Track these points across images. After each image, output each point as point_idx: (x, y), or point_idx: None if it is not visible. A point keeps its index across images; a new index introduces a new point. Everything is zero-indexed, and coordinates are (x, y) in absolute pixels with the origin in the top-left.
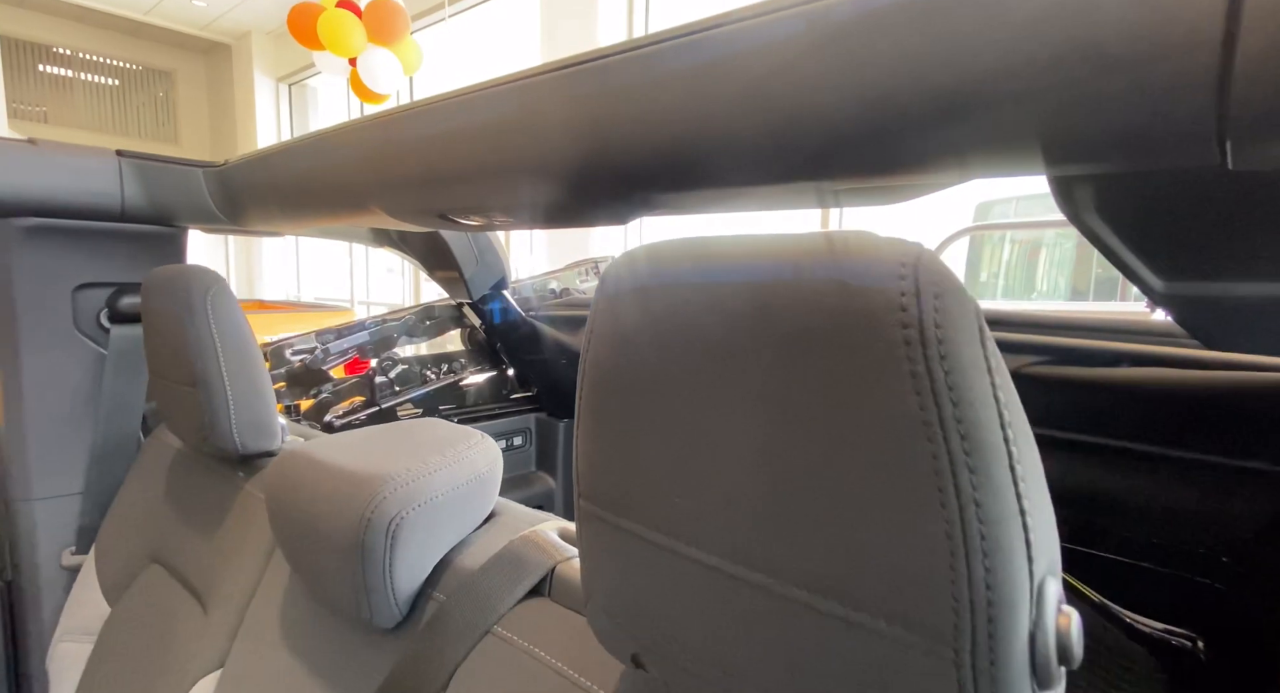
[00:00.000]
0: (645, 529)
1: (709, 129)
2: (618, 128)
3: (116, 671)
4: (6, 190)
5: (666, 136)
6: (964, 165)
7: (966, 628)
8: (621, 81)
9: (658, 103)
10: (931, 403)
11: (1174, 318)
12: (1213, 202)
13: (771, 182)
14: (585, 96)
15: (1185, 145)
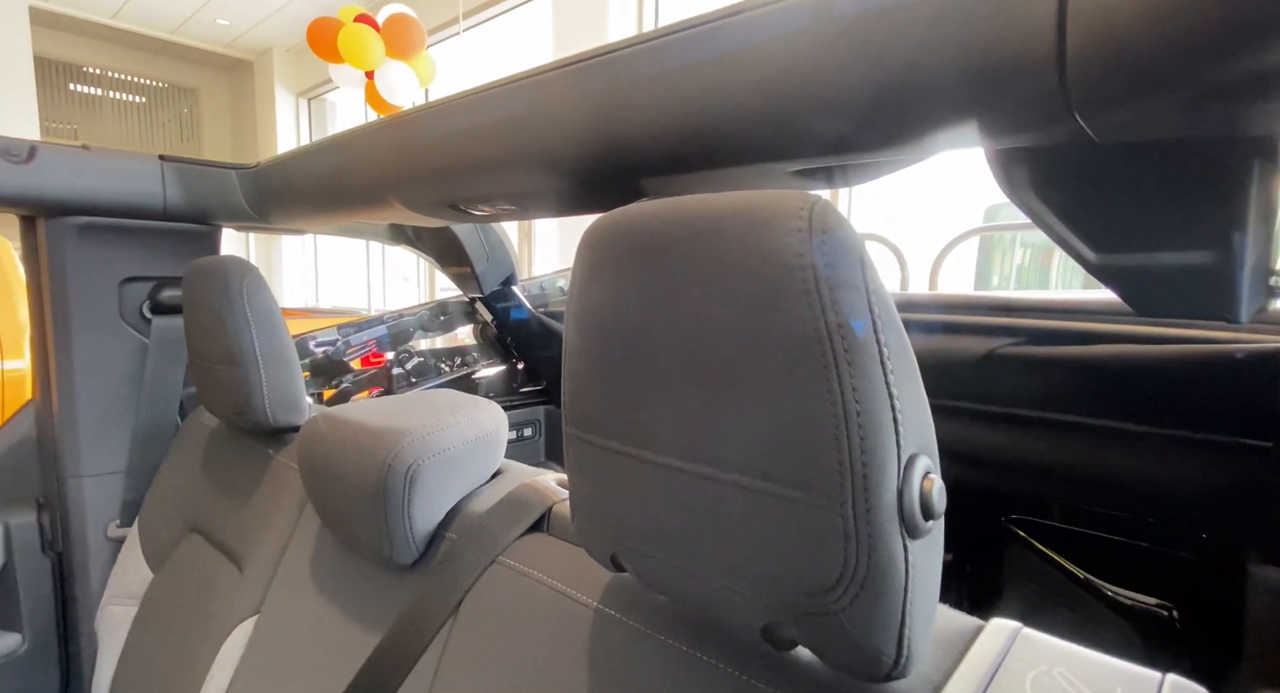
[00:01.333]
0: (615, 443)
1: (694, 117)
2: (613, 119)
3: (160, 627)
4: (64, 191)
5: (656, 128)
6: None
7: (848, 487)
8: (616, 77)
9: (649, 96)
10: (819, 313)
11: (1108, 287)
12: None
13: (753, 161)
14: (582, 91)
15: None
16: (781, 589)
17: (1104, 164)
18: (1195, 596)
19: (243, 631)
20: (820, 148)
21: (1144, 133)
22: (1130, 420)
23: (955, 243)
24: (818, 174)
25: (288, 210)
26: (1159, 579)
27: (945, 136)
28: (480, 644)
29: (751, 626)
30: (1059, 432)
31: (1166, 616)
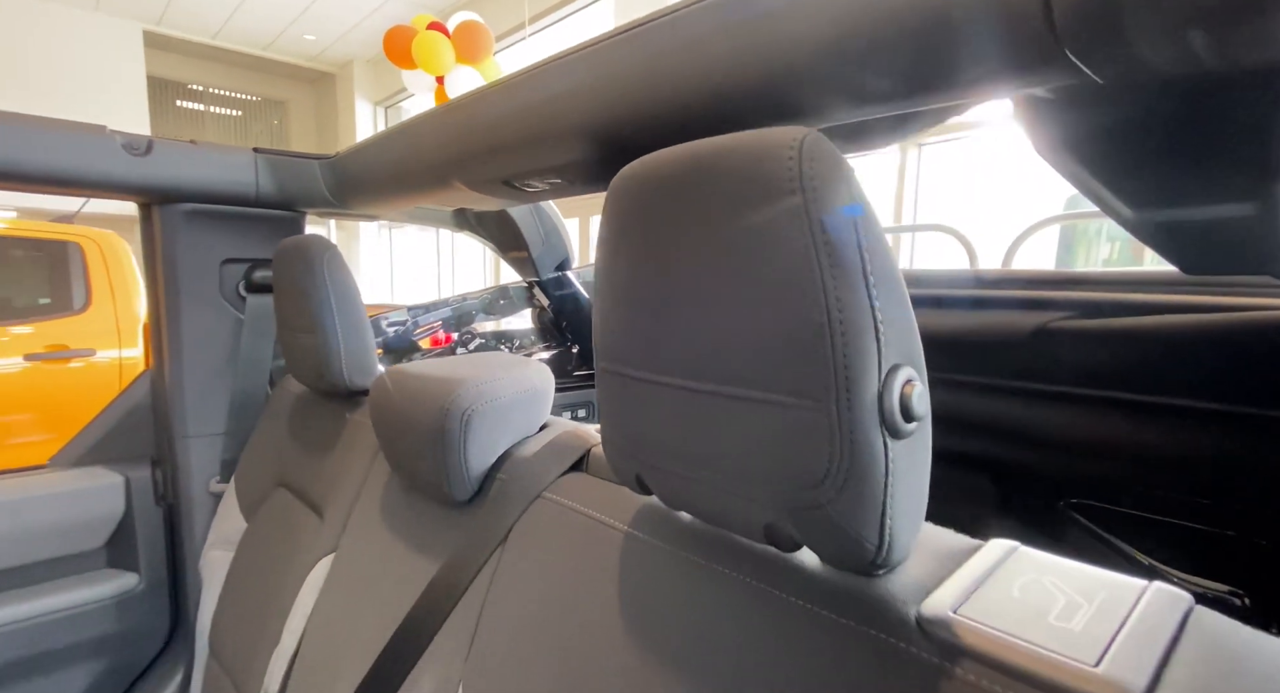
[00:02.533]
0: (636, 371)
1: (716, 82)
2: (638, 90)
3: (252, 569)
4: (174, 180)
5: (678, 98)
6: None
7: (833, 389)
8: (646, 49)
9: (676, 68)
10: (808, 234)
11: (1149, 245)
12: (1164, 130)
13: (779, 120)
14: (614, 65)
15: (1044, 62)
16: (778, 488)
17: (1133, 116)
18: (1271, 582)
19: (322, 567)
20: (829, 105)
21: (1141, 70)
22: (1198, 397)
23: (1030, 232)
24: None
25: (362, 196)
26: (1229, 565)
27: (947, 87)
28: (525, 569)
29: (755, 526)
30: (1121, 410)
31: (1239, 604)
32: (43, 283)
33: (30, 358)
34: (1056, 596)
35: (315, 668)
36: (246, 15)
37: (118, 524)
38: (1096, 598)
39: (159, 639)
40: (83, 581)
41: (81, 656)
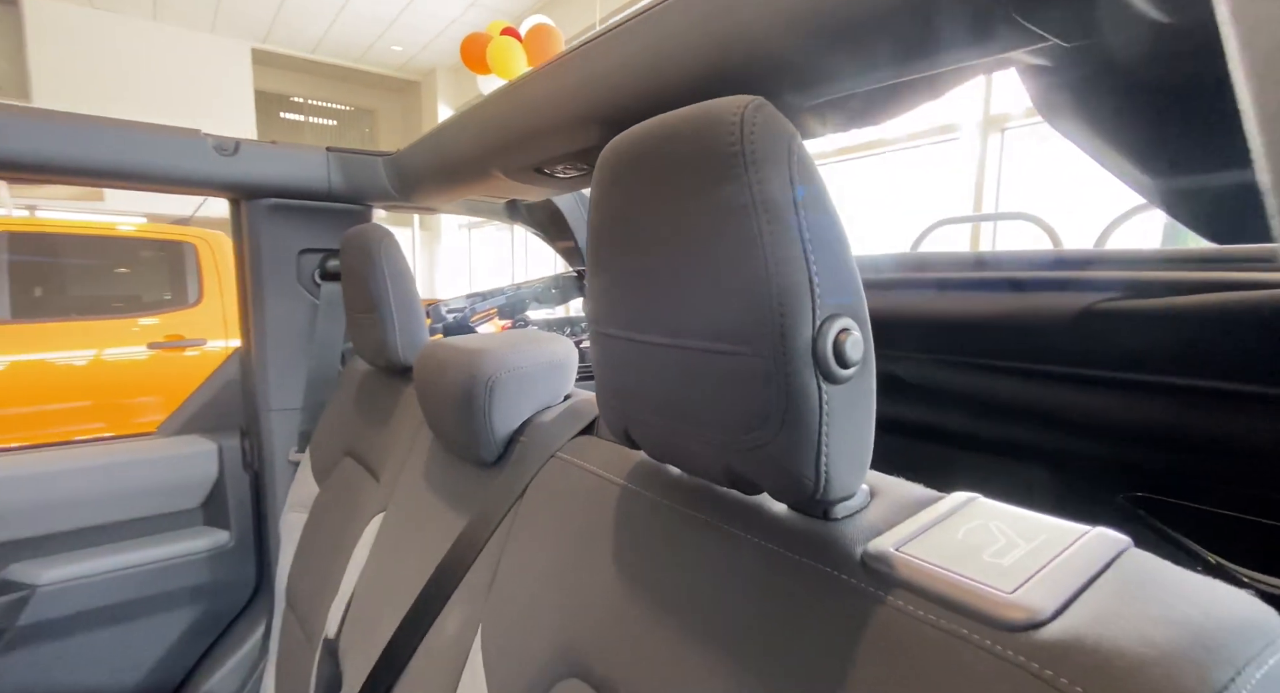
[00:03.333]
0: (619, 331)
1: (724, 58)
2: (639, 78)
3: (322, 528)
4: (258, 177)
5: (686, 78)
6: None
7: (770, 339)
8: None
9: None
10: (749, 194)
11: (1170, 214)
12: (1170, 91)
13: (778, 95)
14: (618, 57)
15: (1003, 25)
16: (730, 431)
17: (1135, 79)
18: None
19: (374, 524)
20: (818, 79)
21: (1094, 28)
22: (1251, 381)
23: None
24: (830, 109)
25: (419, 188)
26: None
27: (916, 59)
28: (538, 522)
29: (717, 469)
30: (1174, 395)
31: None
32: (165, 279)
33: (153, 346)
34: (998, 537)
35: (364, 613)
36: (341, 29)
37: (212, 487)
38: (1036, 540)
39: (247, 591)
40: (183, 535)
41: (183, 601)
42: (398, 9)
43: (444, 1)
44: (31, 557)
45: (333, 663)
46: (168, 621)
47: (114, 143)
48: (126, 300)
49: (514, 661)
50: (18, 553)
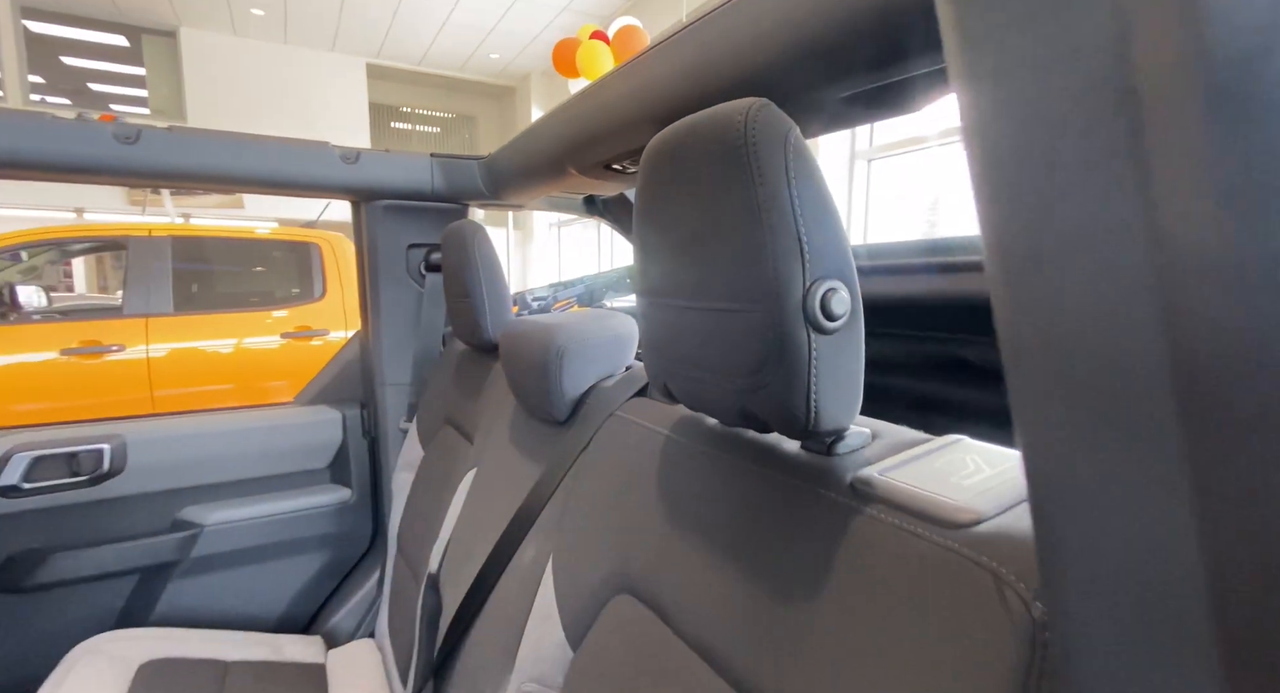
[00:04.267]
0: (656, 298)
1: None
2: (687, 82)
3: (425, 485)
4: (375, 182)
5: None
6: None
7: (769, 297)
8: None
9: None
10: (753, 179)
11: None
12: None
13: (809, 90)
14: (662, 66)
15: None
16: (740, 375)
17: None
18: None
19: (468, 479)
20: (818, 84)
21: None
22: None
23: None
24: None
25: (507, 187)
26: None
27: (907, 61)
28: (598, 468)
29: (734, 410)
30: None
31: None
32: (294, 277)
33: (285, 336)
34: (969, 466)
35: (459, 551)
36: (444, 40)
37: (337, 450)
38: (1000, 467)
39: (365, 541)
40: (314, 491)
41: (314, 547)
42: (496, 18)
43: (538, 7)
44: (200, 502)
45: (434, 595)
46: (302, 563)
47: (263, 156)
48: (263, 295)
49: (577, 582)
50: (192, 498)
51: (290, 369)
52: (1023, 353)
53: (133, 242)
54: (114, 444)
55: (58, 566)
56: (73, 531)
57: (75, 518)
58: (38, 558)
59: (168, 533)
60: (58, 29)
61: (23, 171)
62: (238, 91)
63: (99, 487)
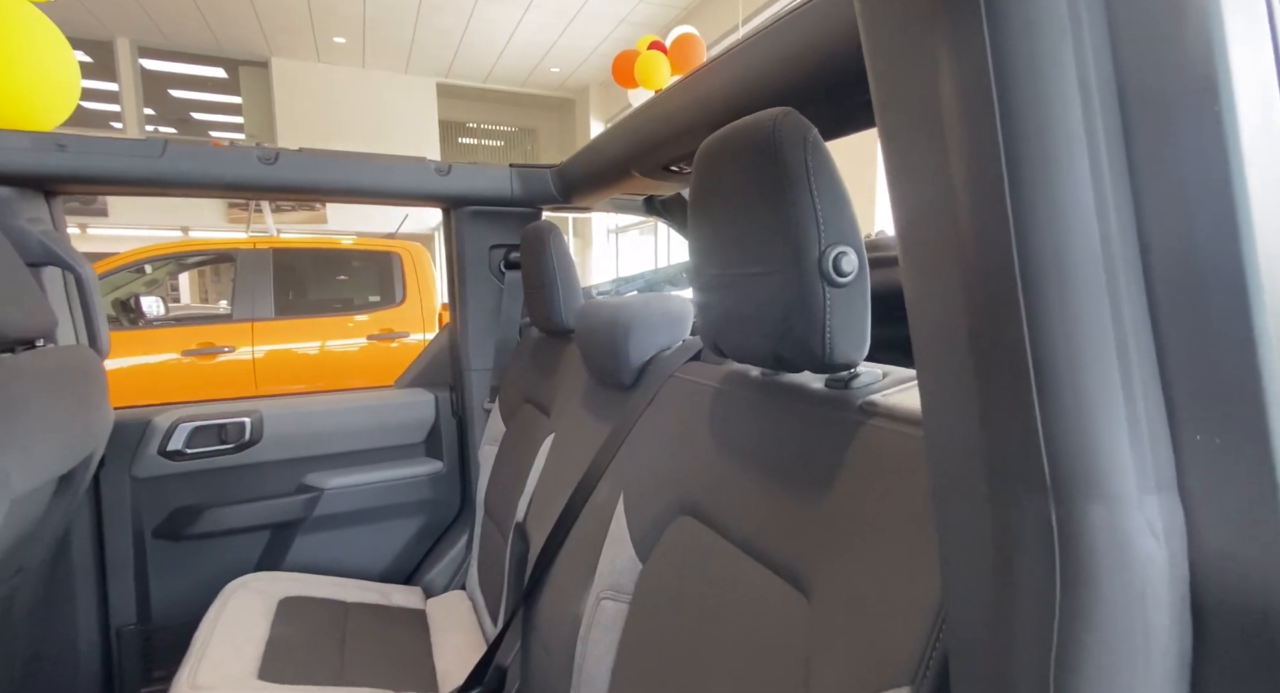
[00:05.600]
0: (707, 270)
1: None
2: (729, 100)
3: (508, 455)
4: (463, 191)
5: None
6: None
7: (791, 259)
8: (729, 72)
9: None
10: (779, 171)
11: None
12: None
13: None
14: (713, 83)
15: None
16: (772, 323)
17: None
18: None
19: (546, 444)
20: (828, 97)
21: None
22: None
23: None
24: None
25: (576, 192)
26: None
27: None
28: (660, 420)
29: (769, 354)
30: None
31: None
32: (377, 283)
33: (370, 338)
34: None
35: (542, 499)
36: (508, 58)
37: (430, 427)
38: None
39: (454, 508)
40: (411, 462)
41: (412, 512)
42: (556, 34)
43: (596, 21)
44: (320, 469)
45: (522, 540)
46: (402, 524)
47: (373, 171)
48: (350, 301)
49: (645, 510)
50: (314, 465)
51: (371, 369)
52: (918, 322)
53: (240, 254)
54: (254, 418)
55: (209, 519)
56: (220, 490)
57: (222, 480)
58: (194, 512)
59: (294, 495)
60: (167, 65)
61: (193, 190)
62: (321, 113)
63: (241, 453)
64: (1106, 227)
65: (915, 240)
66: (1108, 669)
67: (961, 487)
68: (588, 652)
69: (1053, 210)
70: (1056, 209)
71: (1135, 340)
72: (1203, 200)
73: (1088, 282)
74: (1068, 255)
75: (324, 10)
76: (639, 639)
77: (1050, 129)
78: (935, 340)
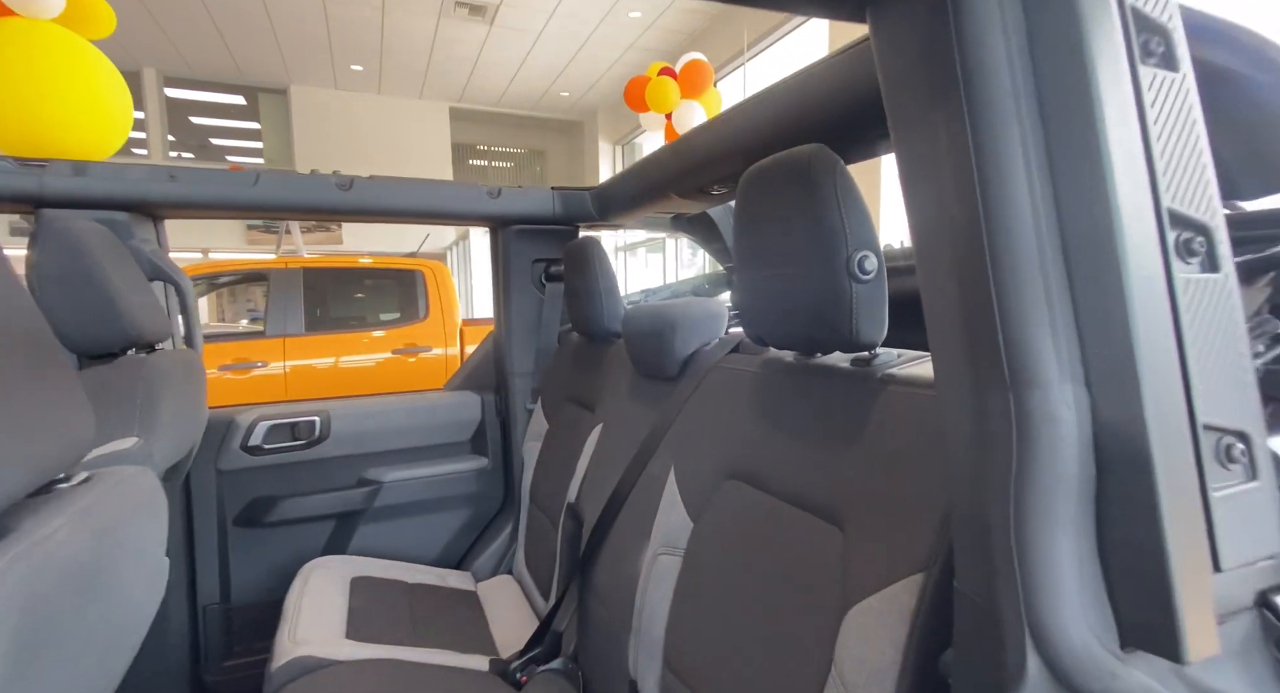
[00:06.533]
0: (750, 273)
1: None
2: (761, 135)
3: (552, 449)
4: (511, 211)
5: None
6: None
7: (824, 261)
8: (758, 113)
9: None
10: (813, 195)
11: None
12: None
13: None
14: (745, 120)
15: None
16: (807, 312)
17: None
18: None
19: (595, 433)
20: (853, 135)
21: None
22: None
23: None
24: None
25: (612, 211)
26: None
27: None
28: (705, 403)
29: (804, 339)
30: None
31: None
32: (401, 300)
33: (395, 352)
34: None
35: (593, 481)
36: (520, 82)
37: (477, 426)
38: None
39: (499, 501)
40: (459, 458)
41: (460, 504)
42: (567, 60)
43: (607, 47)
44: (379, 465)
45: (574, 519)
46: (452, 515)
47: (434, 195)
48: (374, 317)
49: (696, 477)
50: (374, 461)
51: (397, 380)
52: (928, 291)
53: (273, 273)
54: (322, 417)
55: (282, 508)
56: (292, 482)
57: (293, 473)
58: (270, 502)
59: (356, 487)
60: (188, 93)
61: (281, 213)
62: (338, 138)
63: (311, 449)
64: (1039, 224)
65: (926, 241)
66: (1045, 499)
67: (958, 391)
68: (646, 602)
69: (1006, 218)
70: (1009, 217)
71: (1058, 294)
72: (1087, 203)
73: (1028, 259)
74: (1017, 244)
75: (343, 40)
76: (691, 587)
77: (1004, 167)
78: (940, 301)
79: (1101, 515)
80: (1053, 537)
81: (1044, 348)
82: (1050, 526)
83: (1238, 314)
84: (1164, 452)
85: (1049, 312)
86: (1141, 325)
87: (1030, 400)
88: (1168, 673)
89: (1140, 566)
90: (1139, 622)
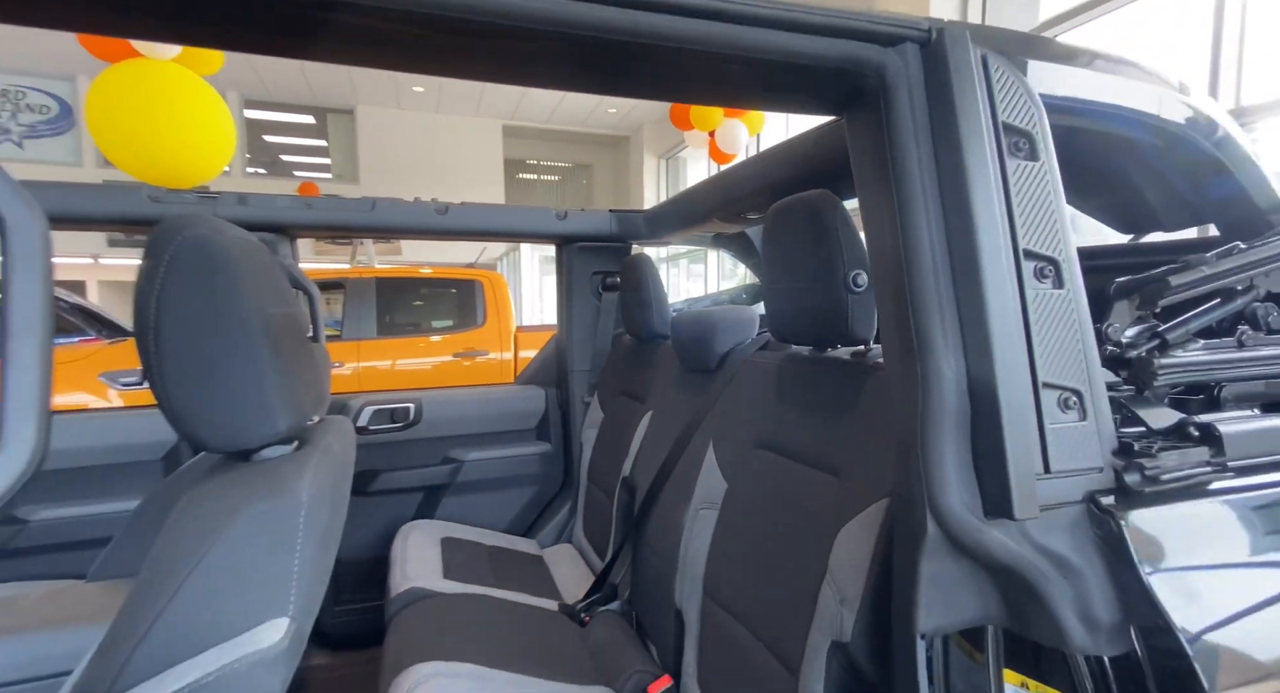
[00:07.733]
0: (774, 285)
1: None
2: (788, 174)
3: (606, 437)
4: (575, 230)
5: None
6: None
7: (828, 277)
8: (789, 157)
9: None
10: (821, 228)
11: None
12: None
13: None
14: (771, 163)
15: None
16: (813, 314)
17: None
18: None
19: (645, 419)
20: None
21: None
22: None
23: None
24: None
25: (661, 230)
26: None
27: None
28: (735, 395)
29: (813, 337)
30: None
31: None
32: (461, 308)
33: (455, 355)
34: None
35: (645, 457)
36: (570, 99)
37: (541, 416)
38: None
39: (559, 480)
40: (525, 443)
41: (526, 483)
42: None
43: None
44: (460, 447)
45: (628, 490)
46: (519, 492)
47: (513, 218)
48: (437, 323)
49: (730, 448)
50: (455, 443)
51: (457, 381)
52: (880, 300)
53: (350, 282)
54: (416, 404)
55: (382, 480)
56: (389, 459)
57: (391, 451)
58: (371, 476)
59: (441, 465)
60: (263, 113)
61: (391, 233)
62: (399, 155)
63: (406, 431)
64: (934, 257)
65: (876, 267)
66: (937, 425)
67: (892, 361)
68: (689, 547)
69: (915, 252)
70: (917, 251)
71: (946, 300)
72: (962, 244)
73: (928, 279)
74: (922, 269)
75: None
76: (725, 532)
77: (914, 221)
78: (884, 306)
79: (974, 436)
80: (942, 448)
81: (936, 332)
82: (941, 441)
83: (1079, 315)
84: (1009, 397)
85: (940, 311)
86: (996, 319)
87: (929, 364)
88: (1016, 533)
89: (993, 465)
90: (993, 498)
